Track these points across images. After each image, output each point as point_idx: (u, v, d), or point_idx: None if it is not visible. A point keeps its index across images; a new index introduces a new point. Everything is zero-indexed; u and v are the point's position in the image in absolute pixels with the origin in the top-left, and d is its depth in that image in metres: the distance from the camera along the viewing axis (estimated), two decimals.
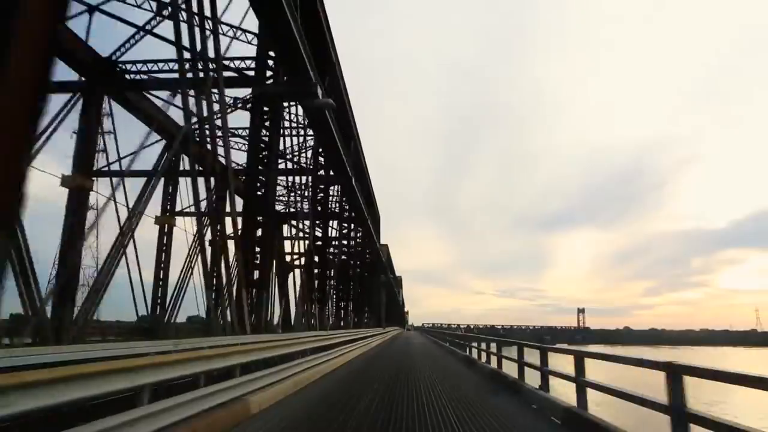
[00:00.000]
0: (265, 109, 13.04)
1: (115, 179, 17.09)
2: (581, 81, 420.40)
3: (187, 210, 21.85)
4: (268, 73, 13.44)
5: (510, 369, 10.35)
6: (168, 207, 22.21)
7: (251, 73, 13.80)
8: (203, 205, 11.61)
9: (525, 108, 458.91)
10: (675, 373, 4.18)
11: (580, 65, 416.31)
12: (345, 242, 31.07)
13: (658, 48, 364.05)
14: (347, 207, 28.99)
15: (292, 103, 18.76)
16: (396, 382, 10.29)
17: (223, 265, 11.54)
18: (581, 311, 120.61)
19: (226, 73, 12.68)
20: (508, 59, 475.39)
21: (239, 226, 11.91)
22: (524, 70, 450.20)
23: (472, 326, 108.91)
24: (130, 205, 14.86)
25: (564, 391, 7.32)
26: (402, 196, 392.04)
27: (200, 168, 12.24)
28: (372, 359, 17.69)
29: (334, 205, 27.61)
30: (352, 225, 31.75)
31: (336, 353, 14.27)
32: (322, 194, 22.88)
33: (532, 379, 8.79)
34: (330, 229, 26.36)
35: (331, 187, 24.71)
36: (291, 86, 12.72)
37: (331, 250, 27.80)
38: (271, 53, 12.98)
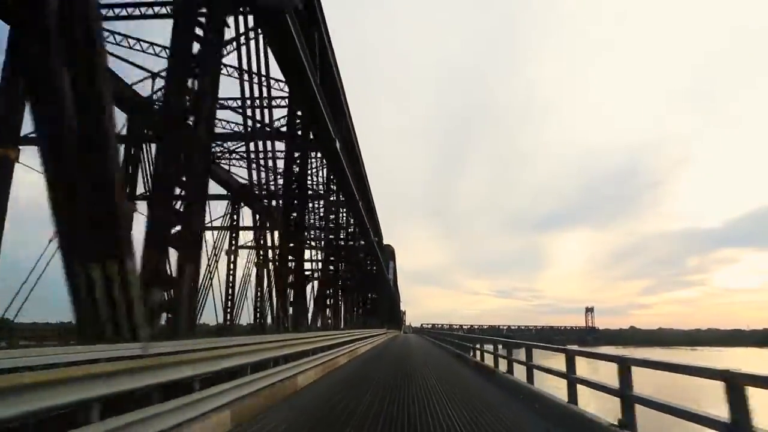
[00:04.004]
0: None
1: None
2: (577, 81, 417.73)
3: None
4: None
5: None
6: None
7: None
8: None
9: (520, 109, 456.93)
10: None
11: (578, 65, 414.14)
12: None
13: (656, 47, 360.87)
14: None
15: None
16: None
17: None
18: (590, 310, 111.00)
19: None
20: (504, 60, 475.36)
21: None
22: (520, 71, 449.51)
23: (476, 326, 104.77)
24: None
25: None
26: (398, 197, 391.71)
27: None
28: None
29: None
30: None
31: None
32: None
33: None
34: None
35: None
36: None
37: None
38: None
